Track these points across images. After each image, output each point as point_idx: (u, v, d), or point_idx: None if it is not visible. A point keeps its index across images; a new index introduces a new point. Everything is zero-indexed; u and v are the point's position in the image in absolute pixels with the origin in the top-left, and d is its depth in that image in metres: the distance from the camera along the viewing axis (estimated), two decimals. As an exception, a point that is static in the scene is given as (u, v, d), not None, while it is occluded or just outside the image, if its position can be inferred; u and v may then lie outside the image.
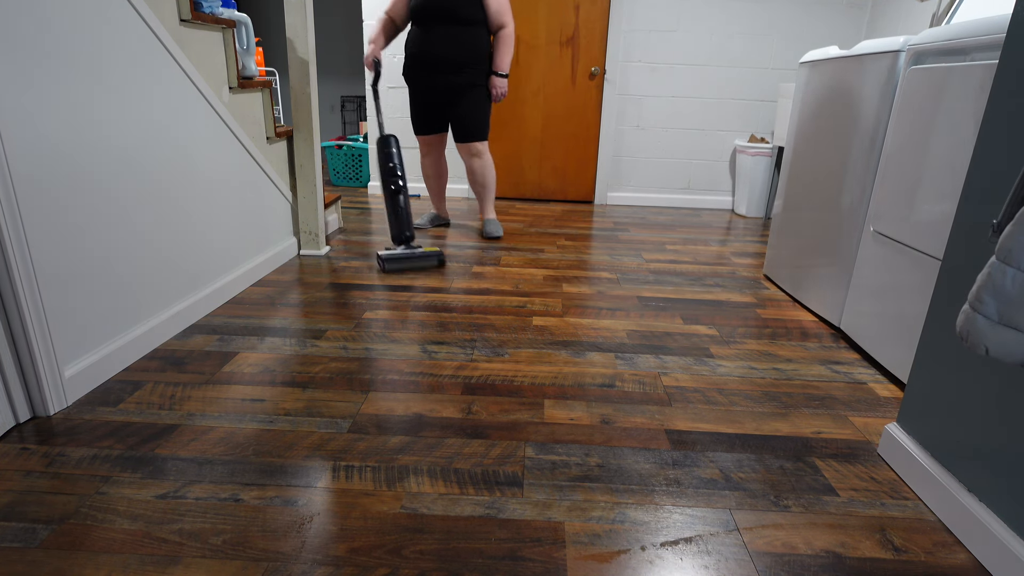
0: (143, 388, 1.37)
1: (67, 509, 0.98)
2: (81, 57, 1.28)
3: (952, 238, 1.05)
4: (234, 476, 1.08)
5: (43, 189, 1.20)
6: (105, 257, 1.38)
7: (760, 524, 1.00)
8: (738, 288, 2.25)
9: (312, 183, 2.41)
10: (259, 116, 2.12)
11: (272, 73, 5.61)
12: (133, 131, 1.45)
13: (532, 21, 3.64)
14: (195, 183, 1.73)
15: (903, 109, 1.51)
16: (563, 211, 3.66)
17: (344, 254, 2.53)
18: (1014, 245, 0.72)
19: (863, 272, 1.68)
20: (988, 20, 1.24)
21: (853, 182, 1.74)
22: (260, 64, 2.45)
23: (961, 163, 1.28)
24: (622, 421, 1.30)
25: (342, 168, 4.24)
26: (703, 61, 3.64)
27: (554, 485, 1.08)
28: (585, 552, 0.93)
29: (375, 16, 3.64)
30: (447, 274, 2.29)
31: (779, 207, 2.28)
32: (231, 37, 1.89)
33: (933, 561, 0.93)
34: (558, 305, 2.00)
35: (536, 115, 3.82)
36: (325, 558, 0.90)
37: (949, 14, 2.15)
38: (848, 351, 1.70)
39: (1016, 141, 0.91)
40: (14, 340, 1.17)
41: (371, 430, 1.24)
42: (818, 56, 2.01)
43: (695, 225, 3.39)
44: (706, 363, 1.60)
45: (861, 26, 3.56)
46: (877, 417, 1.35)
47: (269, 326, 1.74)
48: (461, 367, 1.53)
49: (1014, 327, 0.73)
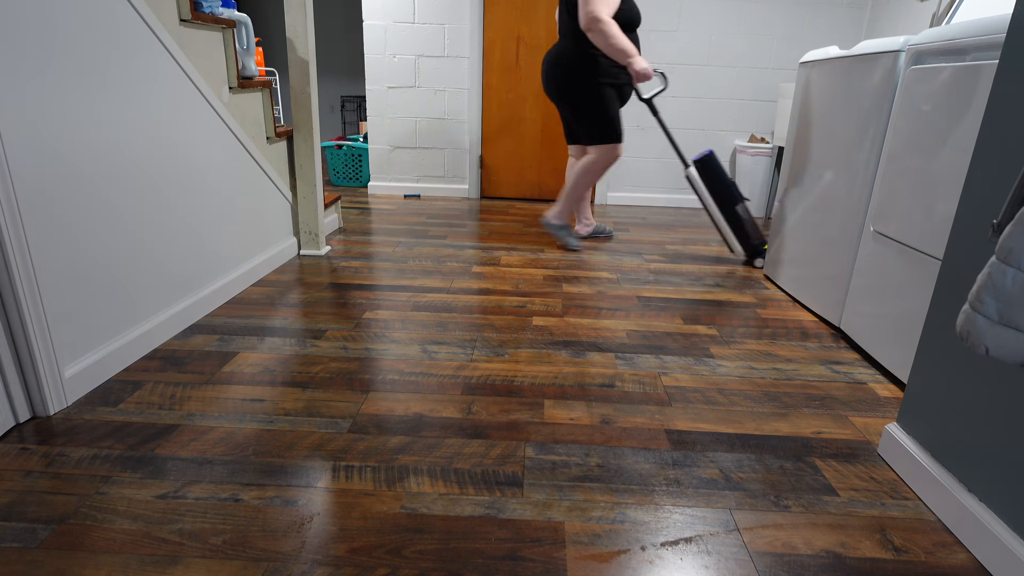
0: (143, 388, 1.37)
1: (67, 509, 0.98)
2: (81, 57, 1.28)
3: (952, 238, 1.05)
4: (234, 476, 1.08)
5: (43, 189, 1.20)
6: (105, 257, 1.38)
7: (760, 524, 1.00)
8: (738, 288, 2.25)
9: (312, 183, 2.41)
10: (259, 116, 2.12)
11: (272, 73, 5.61)
12: (133, 131, 1.45)
13: (532, 21, 3.64)
14: (195, 183, 1.73)
15: (903, 109, 1.51)
16: (563, 211, 3.66)
17: (344, 254, 2.53)
18: (1014, 245, 0.72)
19: (863, 272, 1.68)
20: (988, 20, 1.24)
21: (853, 182, 1.74)
22: (260, 64, 2.45)
23: (961, 163, 1.28)
24: (622, 421, 1.30)
25: (342, 168, 4.25)
26: (703, 61, 3.64)
27: (554, 485, 1.08)
28: (585, 552, 0.93)
29: (375, 16, 3.64)
30: (447, 274, 2.29)
31: (779, 207, 2.28)
32: (231, 37, 1.89)
33: (933, 561, 0.93)
34: (558, 305, 2.00)
35: (536, 115, 3.82)
36: (325, 558, 0.90)
37: (949, 14, 2.15)
38: (848, 351, 1.70)
39: (1016, 141, 0.91)
40: (14, 340, 1.17)
41: (371, 430, 1.24)
42: (818, 56, 2.01)
43: (695, 225, 3.39)
44: (706, 363, 1.60)
45: (861, 26, 3.56)
46: (877, 417, 1.35)
47: (269, 326, 1.74)
48: (461, 367, 1.53)
49: (1014, 327, 0.73)
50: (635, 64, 2.34)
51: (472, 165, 3.92)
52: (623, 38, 2.30)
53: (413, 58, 3.71)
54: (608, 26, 2.26)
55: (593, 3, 2.24)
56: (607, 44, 2.30)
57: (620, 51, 2.31)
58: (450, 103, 3.80)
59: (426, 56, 3.71)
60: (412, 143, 3.90)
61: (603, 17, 2.25)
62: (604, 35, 2.28)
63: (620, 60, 2.35)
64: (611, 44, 2.30)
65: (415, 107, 3.82)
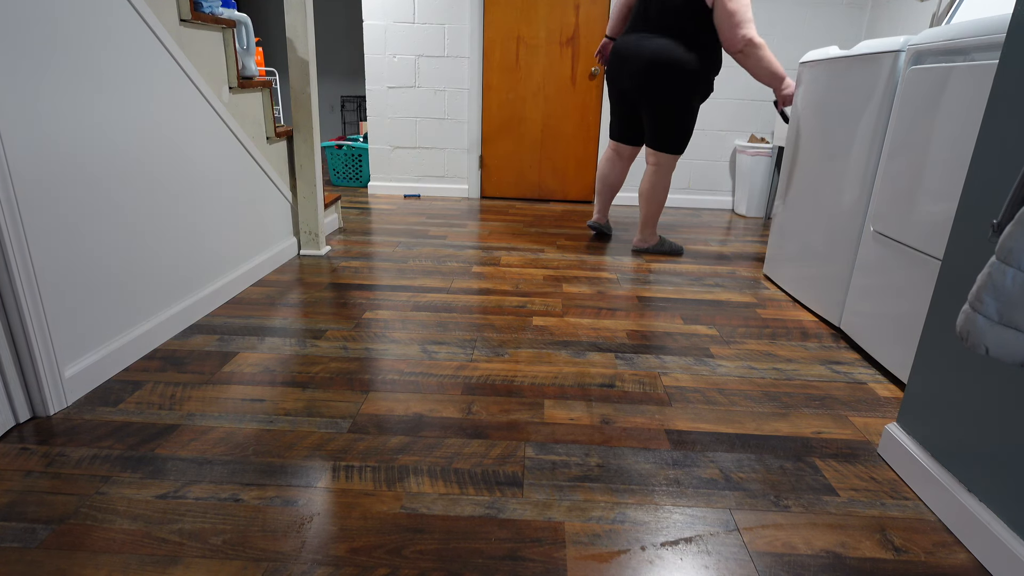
0: (143, 388, 1.37)
1: (67, 509, 0.98)
2: (81, 57, 1.28)
3: (952, 238, 1.05)
4: (234, 476, 1.08)
5: (43, 189, 1.20)
6: (105, 257, 1.38)
7: (760, 524, 1.00)
8: (738, 288, 2.25)
9: (312, 183, 2.41)
10: (259, 116, 2.12)
11: (272, 73, 5.61)
12: (133, 131, 1.45)
13: (532, 21, 3.64)
14: (195, 183, 1.73)
15: (903, 109, 1.51)
16: (563, 211, 3.66)
17: (344, 254, 2.53)
18: (1014, 245, 0.72)
19: (863, 272, 1.68)
20: (988, 20, 1.24)
21: (853, 182, 1.74)
22: (260, 64, 2.45)
23: (961, 163, 1.29)
24: (622, 421, 1.30)
25: (342, 168, 4.25)
26: (703, 61, 3.63)
27: (554, 485, 1.08)
28: (585, 552, 0.93)
29: (375, 16, 3.64)
30: (447, 274, 2.29)
31: (779, 207, 2.28)
32: (231, 37, 1.89)
33: (933, 561, 0.93)
34: (558, 305, 2.00)
35: (536, 115, 3.82)
36: (325, 558, 0.90)
37: (949, 14, 2.15)
38: (848, 351, 1.70)
39: (1016, 141, 0.91)
40: (14, 340, 1.17)
41: (371, 430, 1.24)
42: (818, 56, 2.01)
43: (695, 225, 3.39)
44: (706, 363, 1.60)
45: (861, 26, 3.56)
46: (877, 417, 1.35)
47: (269, 326, 1.74)
48: (461, 367, 1.53)
49: (1014, 327, 0.73)
50: (788, 90, 2.24)
51: (472, 165, 3.92)
52: (775, 60, 2.21)
53: (413, 58, 3.71)
54: (764, 50, 2.17)
55: (746, 25, 2.13)
56: (759, 67, 2.21)
57: (773, 75, 2.21)
58: (450, 103, 3.80)
59: (426, 56, 3.71)
60: (412, 143, 3.90)
61: (760, 41, 2.16)
62: (758, 58, 2.18)
63: (770, 83, 2.25)
64: (764, 67, 2.20)
65: (415, 107, 3.82)
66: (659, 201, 2.59)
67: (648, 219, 2.64)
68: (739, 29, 2.15)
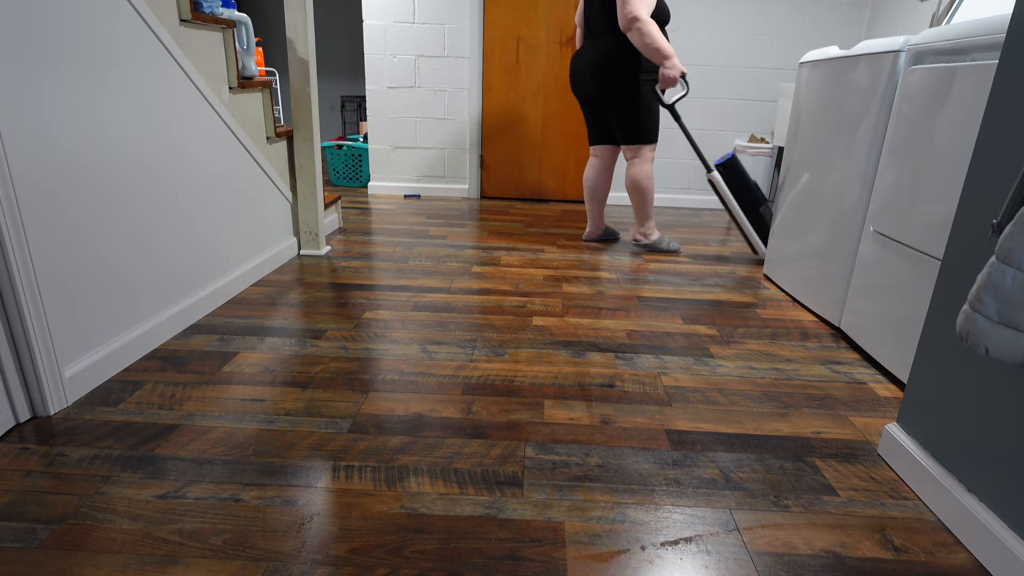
0: (143, 388, 1.37)
1: (67, 509, 0.98)
2: (81, 57, 1.28)
3: (952, 238, 1.05)
4: (234, 476, 1.08)
5: (43, 189, 1.20)
6: (105, 257, 1.38)
7: (760, 524, 1.00)
8: (738, 288, 2.25)
9: (312, 183, 2.41)
10: (259, 116, 2.12)
11: (272, 73, 5.61)
12: (133, 131, 1.45)
13: (532, 21, 3.64)
14: (195, 183, 1.73)
15: (903, 109, 1.51)
16: (563, 211, 3.66)
17: (344, 254, 2.53)
18: (1014, 245, 0.72)
19: (863, 272, 1.68)
20: (988, 20, 1.24)
21: (853, 182, 1.74)
22: (260, 64, 2.45)
23: (961, 163, 1.29)
24: (622, 421, 1.30)
25: (342, 168, 4.25)
26: (703, 61, 3.64)
27: (554, 485, 1.08)
28: (585, 552, 0.93)
29: (375, 16, 3.64)
30: (447, 274, 2.29)
31: (779, 207, 2.28)
32: (231, 37, 1.89)
33: (933, 561, 0.93)
34: (558, 305, 2.00)
35: (536, 115, 3.82)
36: (325, 558, 0.90)
37: (949, 14, 2.15)
38: (848, 351, 1.70)
39: (1016, 141, 0.91)
40: (14, 340, 1.17)
41: (371, 430, 1.24)
42: (818, 56, 2.01)
43: (695, 225, 3.39)
44: (706, 363, 1.60)
45: (861, 26, 3.56)
46: (877, 417, 1.35)
47: (269, 326, 1.74)
48: (461, 367, 1.53)
49: (1014, 327, 0.73)
50: (670, 67, 2.33)
51: (472, 165, 3.92)
52: (661, 38, 2.30)
53: (413, 58, 3.71)
54: (647, 25, 2.27)
55: (634, 3, 2.25)
56: (644, 44, 2.30)
57: (657, 51, 2.31)
58: (450, 103, 3.80)
59: (426, 56, 3.71)
60: (412, 143, 3.90)
61: (643, 16, 2.26)
62: (642, 34, 2.28)
63: (656, 60, 2.34)
64: (648, 44, 2.30)
65: (415, 107, 3.82)
66: (647, 190, 2.64)
67: (641, 210, 2.69)
68: (627, 6, 2.27)
